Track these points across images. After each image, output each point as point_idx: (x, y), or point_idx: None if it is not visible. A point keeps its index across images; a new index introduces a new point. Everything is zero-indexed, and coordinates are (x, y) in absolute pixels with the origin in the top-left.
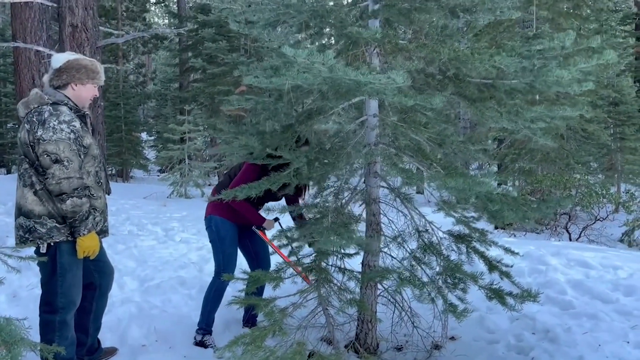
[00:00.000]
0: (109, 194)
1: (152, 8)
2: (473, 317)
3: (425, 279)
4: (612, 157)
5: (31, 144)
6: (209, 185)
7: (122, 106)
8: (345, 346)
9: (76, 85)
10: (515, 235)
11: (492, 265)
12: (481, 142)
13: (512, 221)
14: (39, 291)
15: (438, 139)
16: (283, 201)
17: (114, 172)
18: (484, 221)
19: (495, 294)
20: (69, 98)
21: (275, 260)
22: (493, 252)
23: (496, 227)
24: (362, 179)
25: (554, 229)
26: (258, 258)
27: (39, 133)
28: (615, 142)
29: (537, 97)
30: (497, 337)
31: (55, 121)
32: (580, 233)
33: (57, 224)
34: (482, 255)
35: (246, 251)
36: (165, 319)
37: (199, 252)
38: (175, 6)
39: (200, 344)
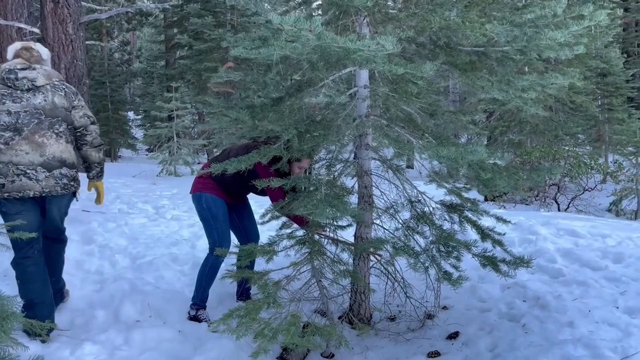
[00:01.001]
0: None
1: None
2: (465, 286)
3: (418, 249)
4: (600, 129)
5: (69, 108)
6: (199, 163)
7: (107, 85)
8: (339, 317)
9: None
10: (505, 207)
11: (484, 234)
12: (471, 113)
13: (504, 190)
14: None
15: (430, 109)
16: None
17: None
18: (474, 193)
19: (489, 261)
20: None
21: (266, 233)
22: (484, 222)
23: (486, 199)
24: (354, 151)
25: (543, 200)
26: (247, 232)
27: (77, 102)
28: (603, 114)
29: (527, 68)
30: (488, 305)
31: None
32: (569, 204)
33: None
34: (475, 224)
35: (235, 226)
36: (158, 295)
37: (190, 229)
38: None
39: (194, 318)
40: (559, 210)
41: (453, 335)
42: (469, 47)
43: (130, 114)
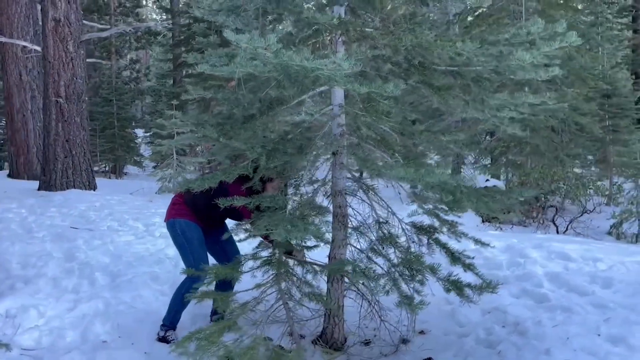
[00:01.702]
0: (94, 190)
1: (149, 4)
2: (445, 310)
3: (381, 272)
4: (605, 150)
5: None
6: None
7: (114, 102)
8: (313, 341)
9: None
10: (501, 229)
11: (454, 257)
12: (452, 133)
13: (471, 209)
14: None
15: (400, 128)
16: None
17: (107, 168)
18: (475, 215)
19: (453, 286)
20: None
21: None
22: (465, 245)
23: (483, 221)
24: (329, 170)
25: (542, 222)
26: (227, 255)
27: None
28: (608, 135)
29: (527, 88)
30: (467, 330)
31: None
32: (567, 226)
33: None
34: (445, 247)
35: (213, 250)
36: (132, 315)
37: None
38: (168, 1)
39: (163, 339)
40: (557, 232)
41: None
42: (443, 66)
43: (140, 132)
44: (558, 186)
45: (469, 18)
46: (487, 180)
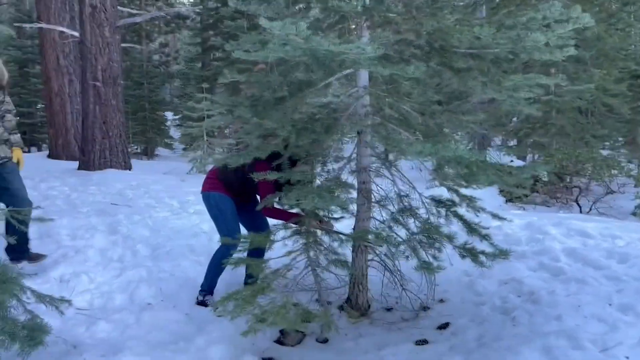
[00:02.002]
0: (129, 170)
1: None
2: (464, 281)
3: (401, 240)
4: (634, 131)
5: None
6: None
7: (145, 86)
8: (339, 307)
9: None
10: (524, 208)
11: (471, 228)
12: (473, 113)
13: (485, 184)
14: None
15: (421, 108)
16: None
17: (138, 150)
18: (498, 195)
19: (468, 252)
20: None
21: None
22: (487, 222)
23: (507, 201)
24: (354, 148)
25: (565, 202)
26: (257, 228)
27: None
28: (638, 116)
29: (553, 70)
30: (484, 299)
31: None
32: (591, 206)
33: None
34: (462, 219)
35: (246, 224)
36: (172, 282)
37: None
38: None
39: (202, 303)
40: (580, 212)
41: (443, 326)
42: (463, 49)
43: (170, 115)
44: (583, 167)
45: None
46: (512, 161)
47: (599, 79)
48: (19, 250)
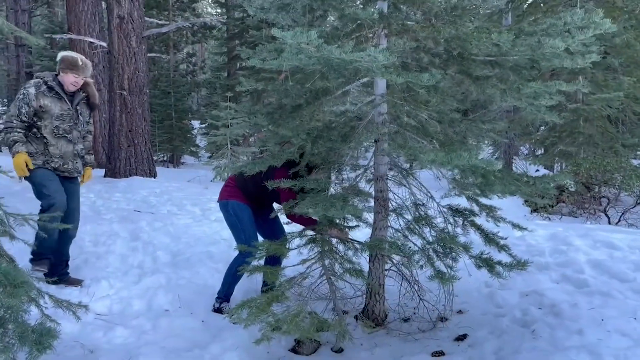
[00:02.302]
0: (154, 177)
1: None
2: (484, 292)
3: (416, 249)
4: None
5: None
6: None
7: (172, 94)
8: (355, 316)
9: (61, 72)
10: (549, 219)
11: (488, 238)
12: (491, 121)
13: (502, 193)
14: None
15: (439, 116)
16: None
17: (165, 158)
18: (523, 205)
19: (484, 263)
20: (56, 78)
21: None
22: (509, 232)
23: (532, 211)
24: (371, 157)
25: (593, 212)
26: (274, 235)
27: None
28: None
29: (581, 77)
30: (504, 311)
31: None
32: (620, 217)
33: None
34: (479, 229)
35: (261, 231)
36: (190, 289)
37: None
38: None
39: (218, 310)
40: (609, 223)
41: (461, 337)
42: (481, 56)
43: (196, 123)
44: (612, 177)
45: (524, 6)
46: (537, 170)
47: (629, 87)
48: (58, 271)
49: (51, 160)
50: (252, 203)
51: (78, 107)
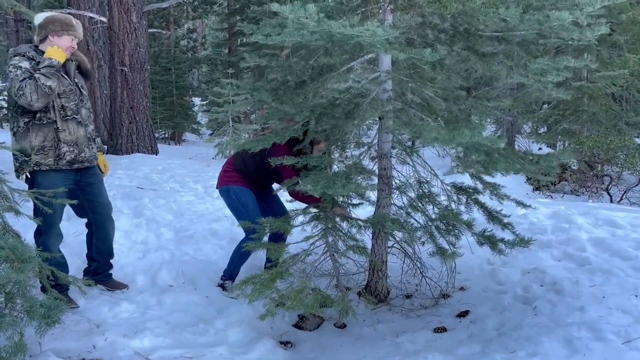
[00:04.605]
0: (156, 154)
1: None
2: (486, 270)
3: (419, 225)
4: None
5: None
6: None
7: (173, 71)
8: (358, 293)
9: (53, 37)
10: (552, 197)
11: (491, 215)
12: (496, 99)
13: (506, 171)
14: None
15: (444, 93)
16: None
17: (166, 135)
18: (525, 183)
19: (487, 240)
20: (38, 50)
21: None
22: (512, 210)
23: (534, 189)
24: (375, 134)
25: (596, 191)
26: (276, 215)
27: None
28: None
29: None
30: (506, 288)
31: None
32: (622, 195)
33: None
34: (482, 206)
35: (265, 213)
36: (194, 265)
37: None
38: None
39: (221, 287)
40: (611, 201)
41: (463, 314)
42: (488, 32)
43: (197, 100)
44: (614, 155)
45: None
46: (540, 149)
47: (634, 64)
48: (103, 272)
49: (64, 153)
50: (252, 186)
51: (77, 80)
